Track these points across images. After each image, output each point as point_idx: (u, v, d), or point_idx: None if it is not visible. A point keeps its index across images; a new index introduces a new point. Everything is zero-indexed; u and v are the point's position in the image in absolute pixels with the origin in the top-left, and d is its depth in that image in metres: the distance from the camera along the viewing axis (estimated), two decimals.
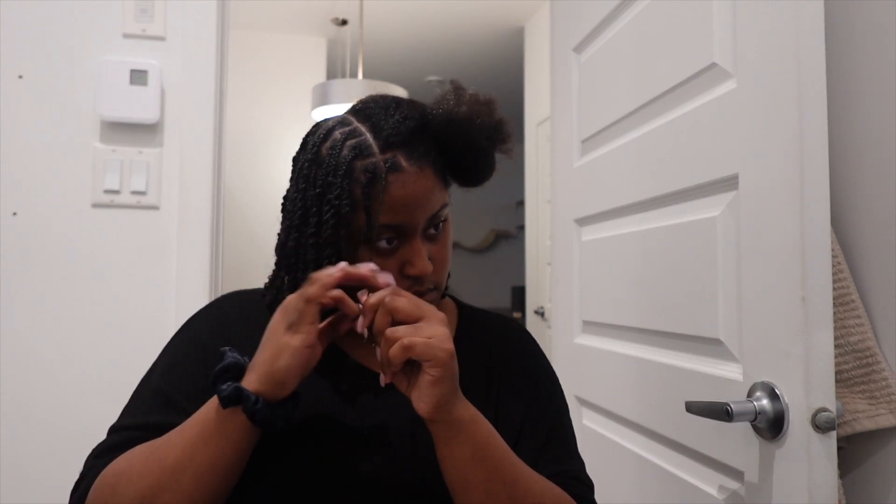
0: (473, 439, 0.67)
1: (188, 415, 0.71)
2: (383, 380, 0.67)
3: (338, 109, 3.16)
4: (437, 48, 4.66)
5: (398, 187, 0.70)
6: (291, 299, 0.67)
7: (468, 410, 0.68)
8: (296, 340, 0.65)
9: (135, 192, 1.46)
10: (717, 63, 0.98)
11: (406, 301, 0.65)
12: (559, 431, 0.82)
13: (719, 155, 0.96)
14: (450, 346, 0.64)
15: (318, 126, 0.76)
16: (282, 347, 0.65)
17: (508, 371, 0.83)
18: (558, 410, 0.84)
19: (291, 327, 0.65)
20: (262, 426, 0.67)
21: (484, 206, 7.20)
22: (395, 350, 0.63)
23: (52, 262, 1.42)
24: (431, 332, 0.64)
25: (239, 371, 0.67)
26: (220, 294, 1.53)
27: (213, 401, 0.67)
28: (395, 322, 0.65)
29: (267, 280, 0.80)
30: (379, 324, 0.65)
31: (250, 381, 0.66)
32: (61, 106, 1.45)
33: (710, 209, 0.99)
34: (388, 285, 0.68)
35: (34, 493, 1.37)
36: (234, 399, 0.65)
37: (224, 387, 0.65)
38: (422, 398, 0.65)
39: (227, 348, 0.70)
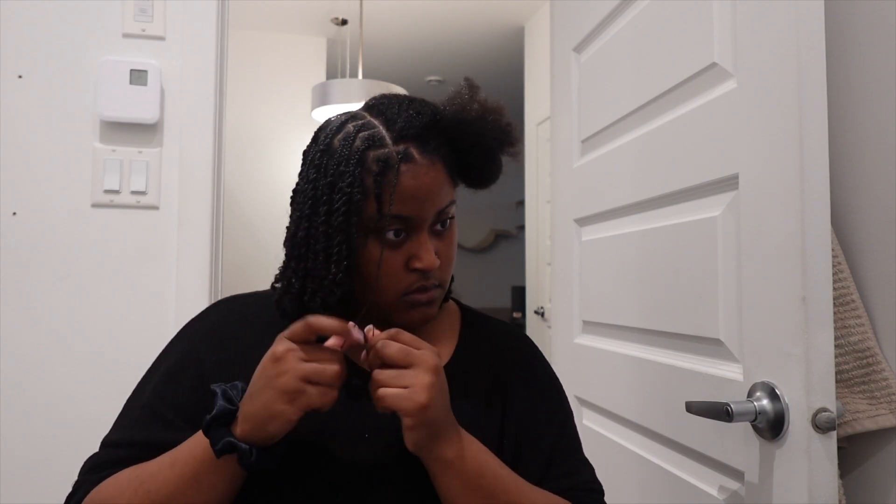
0: (461, 475, 0.69)
1: (176, 429, 0.72)
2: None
3: (338, 109, 3.16)
4: (437, 48, 4.65)
5: (410, 177, 0.71)
6: (290, 371, 0.64)
7: (453, 448, 0.69)
8: (291, 413, 0.64)
9: (134, 192, 1.46)
10: (717, 63, 0.97)
11: (397, 349, 0.67)
12: (566, 441, 0.82)
13: (719, 155, 0.96)
14: (423, 398, 0.65)
15: (329, 121, 0.77)
16: (275, 414, 0.64)
17: (512, 381, 0.83)
18: (564, 420, 0.84)
19: (286, 395, 0.64)
20: (257, 472, 0.69)
21: (484, 206, 7.20)
22: (374, 394, 0.67)
23: (52, 262, 1.42)
24: (411, 381, 0.65)
25: (230, 415, 0.67)
26: (220, 294, 1.53)
27: (205, 440, 0.67)
28: (386, 365, 0.67)
29: (276, 275, 0.79)
30: (370, 364, 0.68)
31: (243, 432, 0.65)
32: (61, 106, 1.44)
33: (710, 209, 0.99)
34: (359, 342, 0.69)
35: (33, 493, 1.37)
36: (228, 451, 0.65)
37: (217, 437, 0.65)
38: (404, 437, 0.68)
39: (216, 386, 0.69)
